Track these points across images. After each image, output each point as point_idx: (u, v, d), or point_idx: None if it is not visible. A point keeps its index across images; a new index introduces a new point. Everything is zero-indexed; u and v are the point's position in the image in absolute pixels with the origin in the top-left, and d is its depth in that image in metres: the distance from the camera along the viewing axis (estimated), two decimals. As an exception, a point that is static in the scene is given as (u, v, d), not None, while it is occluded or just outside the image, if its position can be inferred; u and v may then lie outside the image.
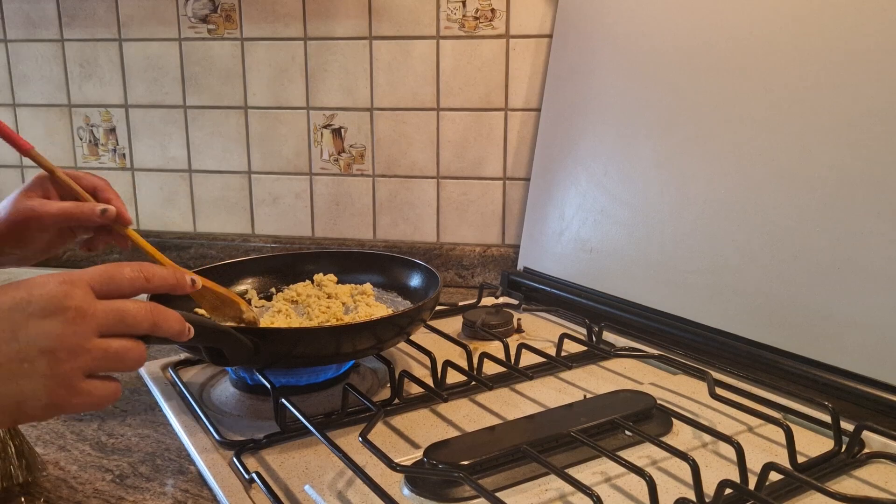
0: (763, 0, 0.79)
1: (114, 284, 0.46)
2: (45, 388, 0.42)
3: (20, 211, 0.62)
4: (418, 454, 0.57)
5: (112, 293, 0.46)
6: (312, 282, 0.85)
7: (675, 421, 0.63)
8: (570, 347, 0.79)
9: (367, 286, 0.84)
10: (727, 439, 0.54)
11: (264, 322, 0.75)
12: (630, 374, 0.76)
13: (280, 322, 0.75)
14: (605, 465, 0.56)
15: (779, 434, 0.58)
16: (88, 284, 0.44)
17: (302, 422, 0.59)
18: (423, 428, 0.64)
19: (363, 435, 0.56)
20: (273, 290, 0.86)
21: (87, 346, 0.43)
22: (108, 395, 0.45)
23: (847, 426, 0.59)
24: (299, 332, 0.67)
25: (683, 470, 0.53)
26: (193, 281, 0.51)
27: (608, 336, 0.84)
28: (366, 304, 0.79)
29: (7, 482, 0.54)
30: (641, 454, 0.58)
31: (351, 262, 0.89)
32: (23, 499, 0.54)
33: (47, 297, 0.43)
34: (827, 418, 0.60)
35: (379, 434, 0.63)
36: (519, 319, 0.90)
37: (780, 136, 0.76)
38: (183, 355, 0.79)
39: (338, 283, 0.86)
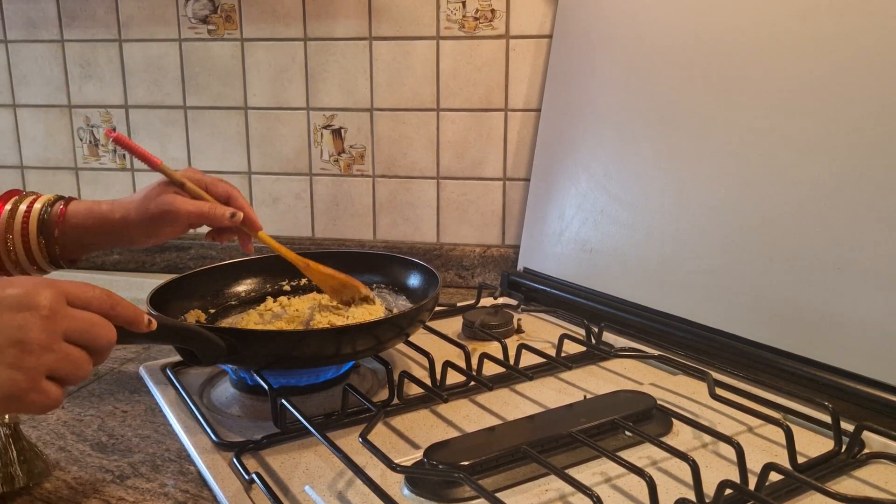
0: (762, 1, 0.79)
1: (84, 298, 0.47)
2: (7, 378, 0.43)
3: (160, 205, 0.69)
4: (418, 455, 0.57)
5: (81, 306, 0.47)
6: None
7: (675, 421, 0.63)
8: (570, 348, 0.79)
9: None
10: (727, 440, 0.54)
11: (274, 325, 0.76)
12: (630, 374, 0.76)
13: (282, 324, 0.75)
14: (606, 466, 0.56)
15: (779, 434, 0.58)
16: (63, 292, 0.46)
17: (302, 422, 0.59)
18: (423, 428, 0.64)
19: (363, 435, 0.56)
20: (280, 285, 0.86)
21: (53, 345, 0.44)
22: (57, 400, 0.46)
23: (847, 426, 0.59)
24: (299, 333, 0.67)
25: (683, 470, 0.53)
26: (150, 321, 0.51)
27: (608, 336, 0.84)
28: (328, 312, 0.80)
29: (7, 487, 0.54)
30: (641, 454, 0.58)
31: (351, 262, 0.88)
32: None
33: (24, 294, 0.44)
34: (827, 418, 0.60)
35: (379, 434, 0.63)
36: (519, 320, 0.90)
37: (779, 136, 0.76)
38: (183, 356, 0.79)
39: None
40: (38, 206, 0.72)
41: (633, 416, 0.61)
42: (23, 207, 0.72)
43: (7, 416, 0.54)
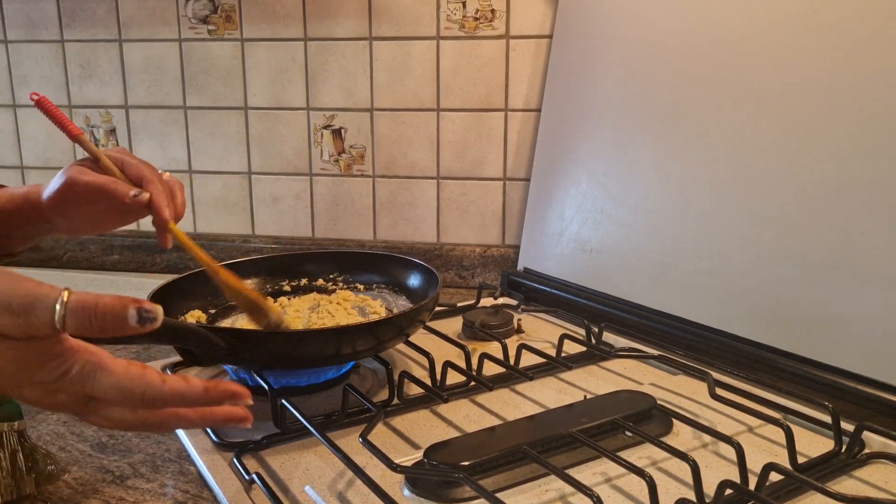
0: (762, 2, 0.79)
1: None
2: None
3: (64, 178, 0.62)
4: (418, 455, 0.57)
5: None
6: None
7: (675, 421, 0.63)
8: (570, 348, 0.79)
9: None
10: (727, 440, 0.54)
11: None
12: (630, 374, 0.76)
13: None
14: (606, 466, 0.56)
15: (779, 434, 0.58)
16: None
17: (302, 422, 0.59)
18: (423, 428, 0.64)
19: (363, 436, 0.56)
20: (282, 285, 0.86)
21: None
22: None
23: (847, 426, 0.59)
24: (299, 333, 0.67)
25: (684, 470, 0.53)
26: (144, 318, 0.42)
27: (608, 336, 0.84)
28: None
29: (15, 494, 0.54)
30: (642, 455, 0.58)
31: (351, 262, 0.89)
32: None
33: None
34: (827, 418, 0.60)
35: (379, 435, 0.63)
36: (519, 320, 0.90)
37: (780, 136, 0.76)
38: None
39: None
40: None
41: (633, 416, 0.61)
42: None
43: (16, 423, 0.54)
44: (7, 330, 0.39)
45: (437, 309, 0.91)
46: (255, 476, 0.54)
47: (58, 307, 0.39)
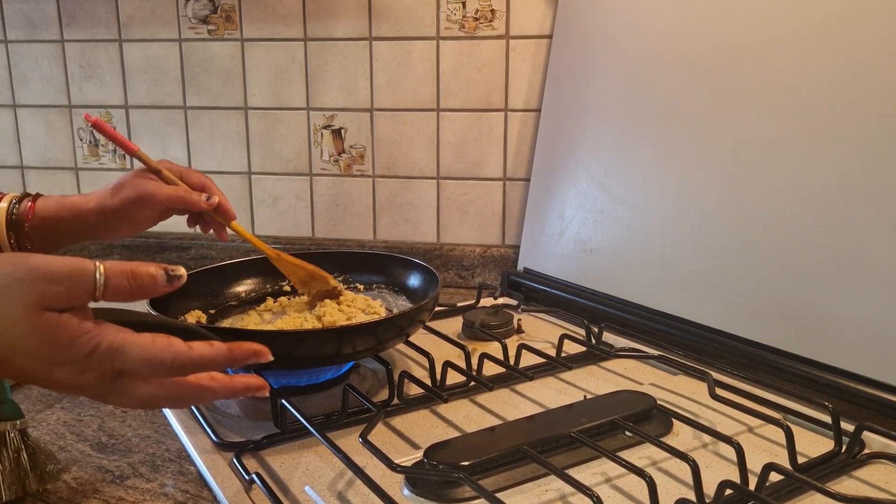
0: (762, 2, 0.79)
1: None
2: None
3: (137, 190, 0.68)
4: (418, 455, 0.57)
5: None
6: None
7: (675, 421, 0.63)
8: (570, 348, 0.79)
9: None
10: (727, 440, 0.54)
11: (274, 325, 0.76)
12: (630, 374, 0.76)
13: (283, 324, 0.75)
14: (606, 466, 0.56)
15: (779, 434, 0.58)
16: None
17: (302, 422, 0.59)
18: (423, 428, 0.64)
19: (363, 436, 0.56)
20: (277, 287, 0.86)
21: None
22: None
23: (847, 426, 0.59)
24: (299, 333, 0.67)
25: (684, 470, 0.53)
26: (173, 277, 0.46)
27: (608, 336, 0.84)
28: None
29: (19, 493, 0.54)
30: (642, 455, 0.58)
31: (351, 262, 0.89)
32: None
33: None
34: (827, 418, 0.60)
35: (379, 435, 0.63)
36: (519, 320, 0.90)
37: (779, 136, 0.76)
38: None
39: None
40: (3, 204, 0.69)
41: (633, 416, 0.61)
42: None
43: (18, 422, 0.54)
44: (48, 300, 0.41)
45: (437, 309, 0.91)
46: (255, 476, 0.54)
47: (98, 274, 0.43)
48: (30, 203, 0.70)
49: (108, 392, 0.45)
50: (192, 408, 0.67)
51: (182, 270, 0.46)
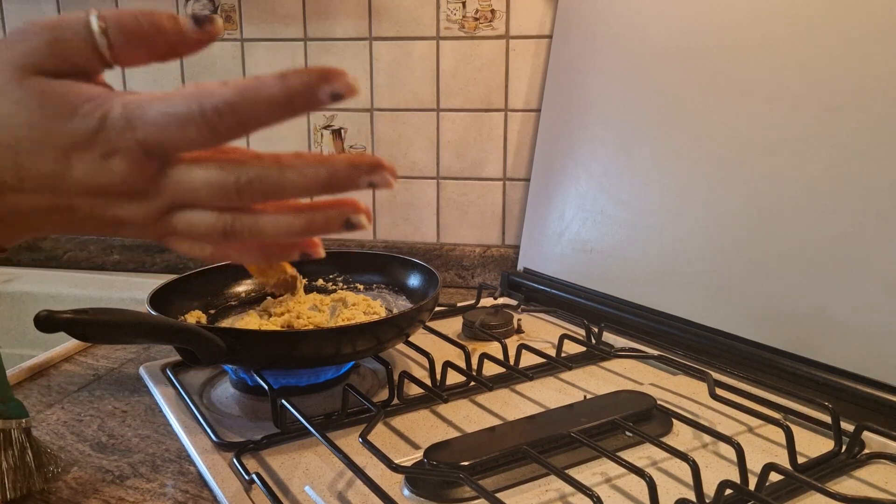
0: (761, 2, 0.79)
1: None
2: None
3: None
4: (418, 455, 0.57)
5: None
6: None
7: (675, 421, 0.63)
8: (570, 348, 0.79)
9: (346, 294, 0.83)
10: (727, 440, 0.54)
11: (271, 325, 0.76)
12: (630, 374, 0.76)
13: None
14: (606, 466, 0.56)
15: (779, 434, 0.58)
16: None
17: (302, 422, 0.59)
18: (423, 429, 0.64)
19: (363, 436, 0.56)
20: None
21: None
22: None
23: (847, 426, 0.59)
24: (299, 333, 0.67)
25: (684, 470, 0.53)
26: (201, 20, 0.33)
27: (608, 336, 0.84)
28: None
29: (24, 491, 0.54)
30: (642, 455, 0.58)
31: (351, 262, 0.89)
32: None
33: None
34: (827, 418, 0.60)
35: (379, 435, 0.63)
36: (519, 320, 0.90)
37: (779, 136, 0.76)
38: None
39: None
40: None
41: (633, 416, 0.61)
42: None
43: (24, 420, 0.55)
44: (34, 56, 0.32)
45: (437, 309, 0.91)
46: (254, 476, 0.54)
47: (92, 19, 0.32)
48: None
49: (162, 206, 0.33)
50: (192, 407, 0.67)
51: (214, 16, 0.33)
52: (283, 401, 0.62)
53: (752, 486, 0.51)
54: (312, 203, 0.36)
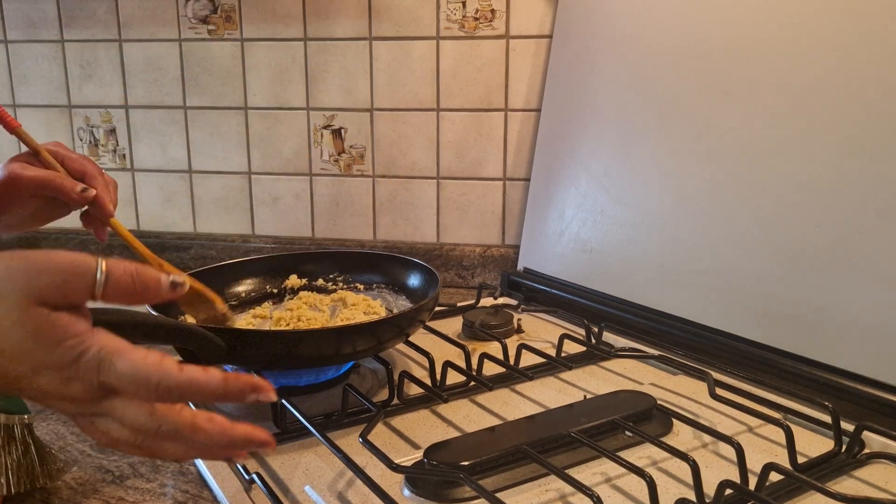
0: (761, 1, 0.79)
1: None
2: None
3: (4, 174, 0.61)
4: (418, 455, 0.57)
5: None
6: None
7: (675, 421, 0.63)
8: (570, 348, 0.79)
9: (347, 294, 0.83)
10: (727, 439, 0.54)
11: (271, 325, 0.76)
12: (630, 374, 0.76)
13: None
14: (606, 466, 0.56)
15: (779, 434, 0.58)
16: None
17: (302, 422, 0.59)
18: (423, 428, 0.64)
19: (363, 435, 0.56)
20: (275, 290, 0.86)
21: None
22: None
23: (847, 426, 0.59)
24: (299, 333, 0.67)
25: (684, 470, 0.53)
26: (176, 285, 0.43)
27: (608, 336, 0.84)
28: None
29: (29, 485, 0.54)
30: (642, 454, 0.58)
31: (351, 262, 0.89)
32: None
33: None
34: (827, 418, 0.60)
35: (379, 435, 0.63)
36: (519, 320, 0.90)
37: (779, 136, 0.76)
38: (183, 356, 0.79)
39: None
40: None
41: (633, 416, 0.62)
42: None
43: (27, 417, 0.55)
44: (42, 292, 0.38)
45: (437, 309, 0.91)
46: (255, 476, 0.54)
47: (99, 270, 0.39)
48: None
49: (94, 413, 0.40)
50: (192, 407, 0.67)
51: (185, 278, 0.43)
52: (284, 401, 0.62)
53: (752, 486, 0.51)
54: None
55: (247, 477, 0.55)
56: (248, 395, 0.42)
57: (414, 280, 0.84)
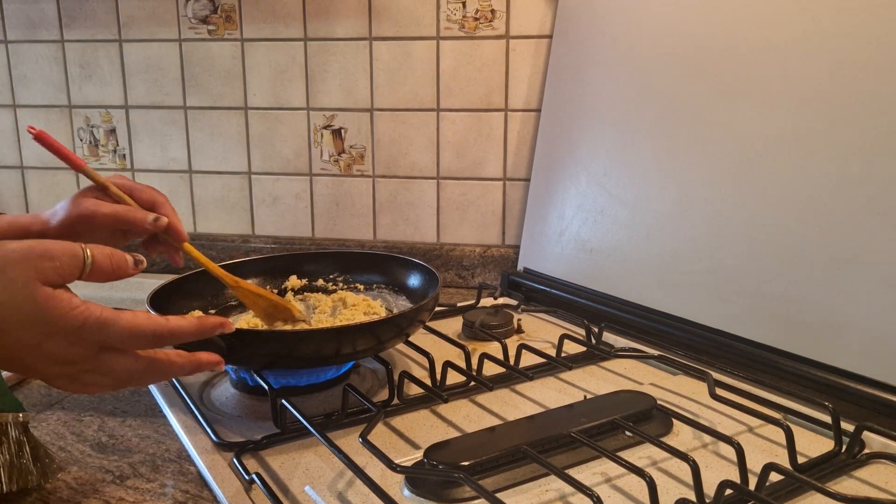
0: (762, 2, 0.79)
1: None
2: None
3: (76, 210, 0.65)
4: (418, 455, 0.57)
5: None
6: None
7: (675, 421, 0.63)
8: (570, 348, 0.79)
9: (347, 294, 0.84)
10: (727, 440, 0.54)
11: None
12: (630, 374, 0.76)
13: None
14: (606, 466, 0.56)
15: (779, 434, 0.58)
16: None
17: (302, 422, 0.59)
18: (423, 428, 0.64)
19: (363, 436, 0.56)
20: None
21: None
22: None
23: (847, 426, 0.59)
24: (299, 333, 0.67)
25: (684, 470, 0.53)
26: (137, 262, 0.53)
27: (608, 336, 0.84)
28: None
29: (23, 484, 0.54)
30: (642, 455, 0.58)
31: (351, 262, 0.89)
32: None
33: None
34: (827, 418, 0.60)
35: (379, 435, 0.63)
36: (519, 320, 0.90)
37: (779, 136, 0.76)
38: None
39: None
40: None
41: (633, 416, 0.62)
42: None
43: (21, 415, 0.55)
44: (45, 274, 0.47)
45: (437, 309, 0.91)
46: (255, 476, 0.54)
47: (86, 255, 0.49)
48: None
49: (92, 368, 0.49)
50: (192, 407, 0.67)
51: (143, 258, 0.53)
52: (283, 401, 0.62)
53: (752, 486, 0.51)
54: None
55: (247, 477, 0.55)
56: (216, 329, 0.55)
57: (414, 280, 0.84)
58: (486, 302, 1.00)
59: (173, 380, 0.74)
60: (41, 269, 0.46)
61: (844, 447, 0.58)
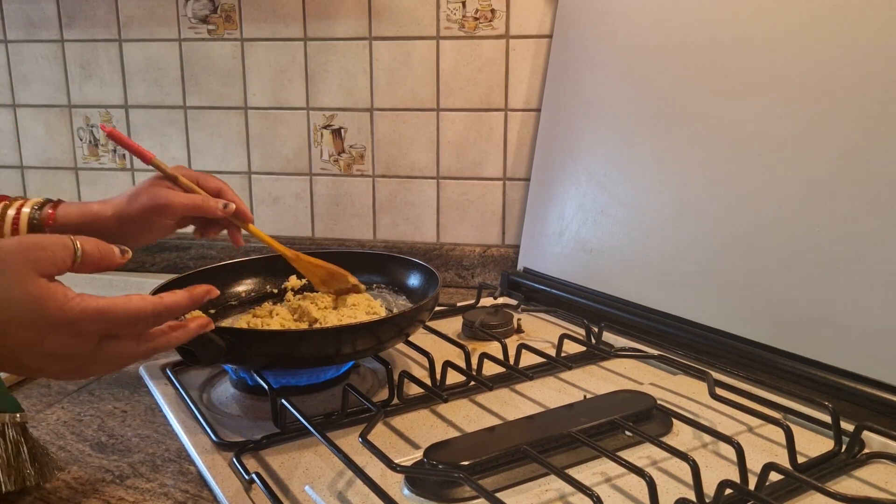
0: (761, 0, 0.79)
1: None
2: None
3: (154, 198, 0.70)
4: (418, 454, 0.57)
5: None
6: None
7: (675, 421, 0.63)
8: (570, 348, 0.79)
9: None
10: (727, 439, 0.54)
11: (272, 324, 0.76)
12: (630, 374, 0.76)
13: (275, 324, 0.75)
14: (606, 466, 0.56)
15: (779, 434, 0.58)
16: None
17: (302, 422, 0.59)
18: (423, 428, 0.64)
19: (363, 435, 0.56)
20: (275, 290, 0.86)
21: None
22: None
23: (847, 426, 0.59)
24: (299, 333, 0.67)
25: (683, 470, 0.53)
26: (123, 252, 0.54)
27: (608, 336, 0.84)
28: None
29: (20, 485, 0.54)
30: (641, 454, 0.58)
31: (351, 262, 0.88)
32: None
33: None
34: (827, 418, 0.60)
35: (379, 434, 0.63)
36: (519, 320, 0.90)
37: (779, 136, 0.76)
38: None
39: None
40: (26, 209, 0.71)
41: (633, 416, 0.62)
42: (11, 212, 0.71)
43: (18, 416, 0.55)
44: (40, 265, 0.47)
45: (437, 309, 0.91)
46: (254, 476, 0.54)
47: (76, 246, 0.50)
48: (50, 210, 0.72)
49: (95, 359, 0.50)
50: (192, 407, 0.67)
51: (128, 248, 0.54)
52: (283, 401, 0.62)
53: (752, 486, 0.51)
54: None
55: (247, 477, 0.55)
56: (205, 296, 0.56)
57: (414, 280, 0.84)
58: (486, 302, 1.00)
59: (173, 380, 0.74)
60: (35, 260, 0.47)
61: (844, 447, 0.58)
